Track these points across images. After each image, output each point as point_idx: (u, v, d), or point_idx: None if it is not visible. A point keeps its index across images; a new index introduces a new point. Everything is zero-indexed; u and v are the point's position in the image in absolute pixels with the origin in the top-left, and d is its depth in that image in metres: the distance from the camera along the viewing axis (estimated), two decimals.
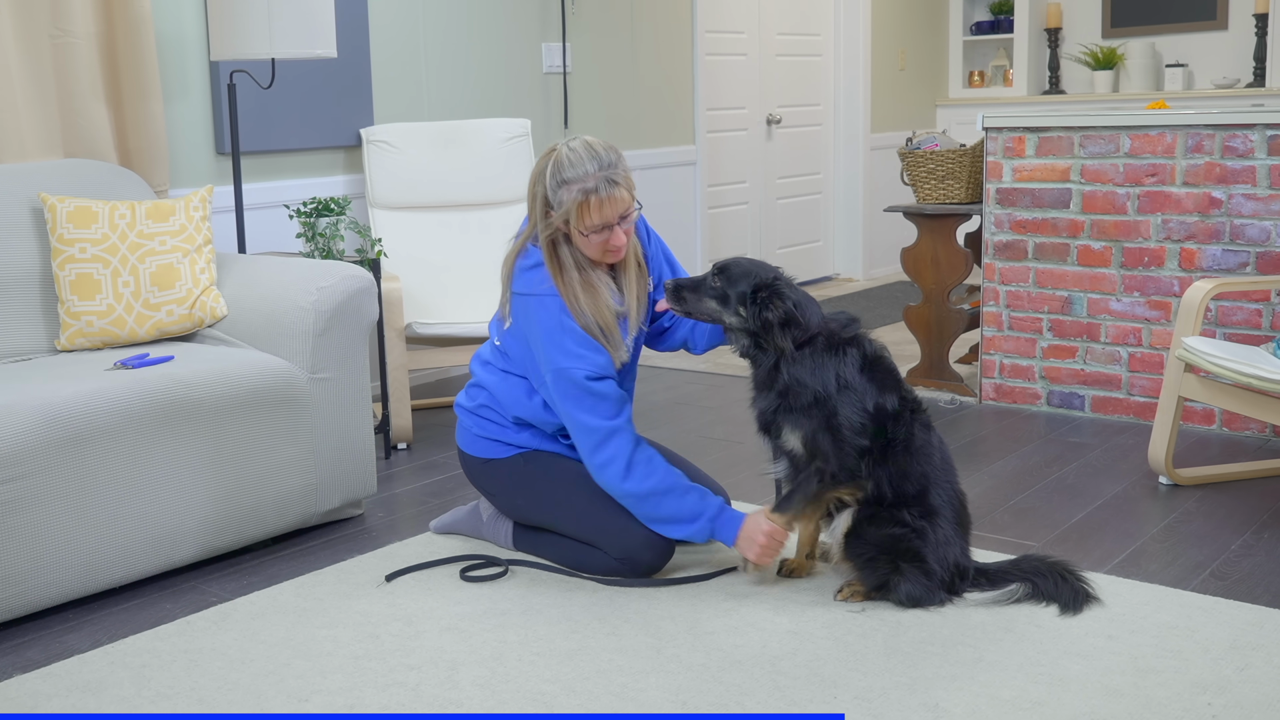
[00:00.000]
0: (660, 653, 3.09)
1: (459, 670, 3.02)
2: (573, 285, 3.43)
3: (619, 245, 3.43)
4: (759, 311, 3.31)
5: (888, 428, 3.31)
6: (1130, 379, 5.21)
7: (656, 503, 3.44)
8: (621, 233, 3.42)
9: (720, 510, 3.47)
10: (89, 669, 3.09)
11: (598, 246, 3.42)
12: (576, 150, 3.38)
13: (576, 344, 3.40)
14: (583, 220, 3.36)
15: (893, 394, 3.33)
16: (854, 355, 3.33)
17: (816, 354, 3.30)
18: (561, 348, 3.40)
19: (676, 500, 3.45)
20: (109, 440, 3.47)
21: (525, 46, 6.42)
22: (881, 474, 3.31)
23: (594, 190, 3.33)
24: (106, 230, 4.02)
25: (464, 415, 3.73)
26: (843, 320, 3.40)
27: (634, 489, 3.43)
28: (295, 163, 5.48)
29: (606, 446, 3.42)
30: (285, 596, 3.52)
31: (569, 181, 3.35)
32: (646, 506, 3.45)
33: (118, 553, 3.52)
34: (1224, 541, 3.84)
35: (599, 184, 3.34)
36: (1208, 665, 2.97)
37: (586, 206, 3.34)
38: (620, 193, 3.38)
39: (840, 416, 3.28)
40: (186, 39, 5.07)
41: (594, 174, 3.34)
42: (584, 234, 3.38)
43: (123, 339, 4.03)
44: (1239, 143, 4.86)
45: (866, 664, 3.00)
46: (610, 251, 3.45)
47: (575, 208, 3.34)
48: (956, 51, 9.94)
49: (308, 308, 3.95)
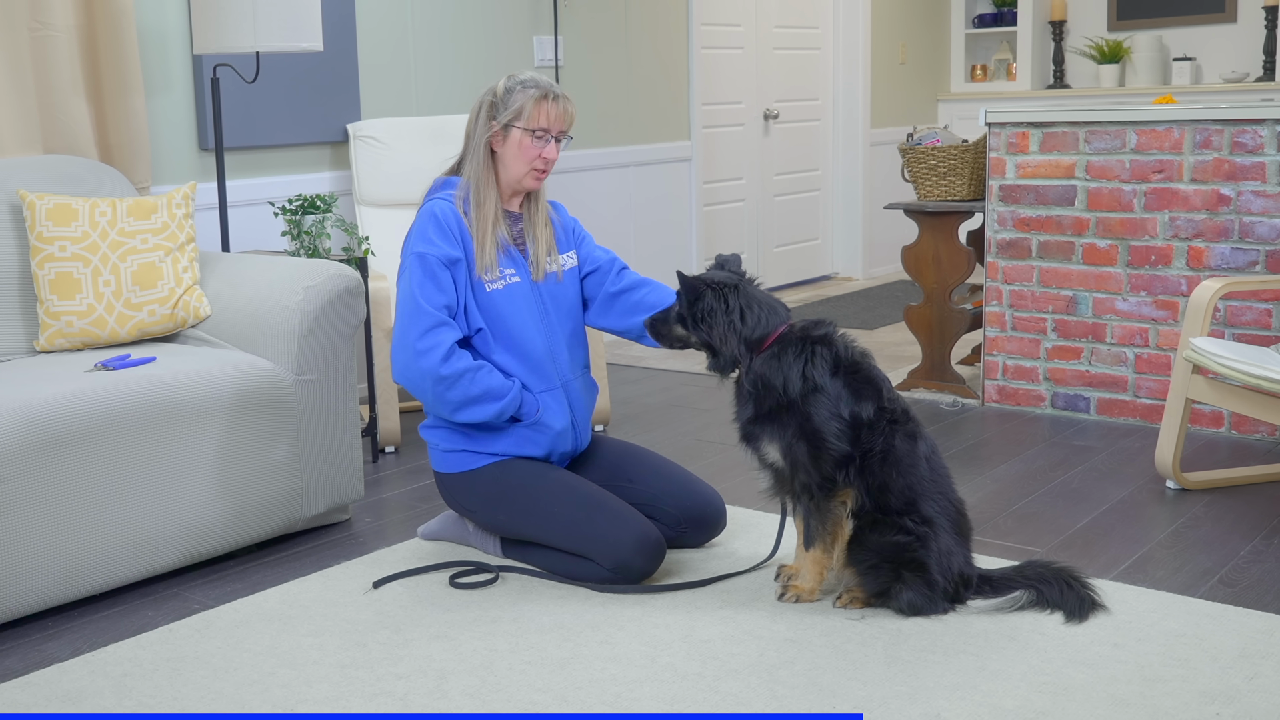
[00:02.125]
0: (655, 661, 3.09)
1: (448, 679, 3.02)
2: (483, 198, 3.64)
3: (550, 159, 3.67)
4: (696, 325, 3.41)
5: (861, 437, 3.31)
6: (1137, 381, 5.22)
7: (472, 379, 3.53)
8: (555, 148, 3.67)
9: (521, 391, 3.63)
10: (69, 678, 3.09)
11: (532, 154, 3.63)
12: (529, 73, 3.73)
13: (438, 233, 3.58)
14: (535, 119, 3.61)
15: (870, 402, 3.31)
16: (824, 355, 3.33)
17: (781, 353, 3.33)
18: (424, 236, 3.58)
19: (488, 376, 3.56)
20: (89, 443, 3.47)
21: (516, 39, 6.43)
22: (860, 484, 3.31)
23: (550, 93, 3.65)
24: (87, 228, 4.01)
25: (429, 434, 3.75)
26: (810, 321, 3.41)
27: (449, 371, 3.50)
28: (280, 159, 5.48)
29: (432, 334, 3.51)
30: (270, 604, 3.52)
31: (526, 85, 3.64)
32: (461, 385, 3.52)
33: (98, 559, 3.51)
34: (1233, 547, 3.84)
35: (554, 92, 3.66)
36: (1216, 674, 2.97)
37: (544, 102, 3.62)
38: (570, 107, 3.70)
39: (815, 421, 3.28)
40: (169, 32, 5.06)
41: (550, 86, 3.67)
42: (529, 133, 3.60)
43: (103, 339, 4.03)
44: (1248, 138, 4.87)
45: (866, 673, 3.01)
46: (537, 170, 3.65)
47: (531, 102, 3.61)
48: (958, 45, 9.96)
49: (293, 308, 3.95)
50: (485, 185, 3.64)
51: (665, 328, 3.55)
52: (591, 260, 3.85)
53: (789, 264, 9.00)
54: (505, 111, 3.61)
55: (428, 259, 3.54)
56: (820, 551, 3.39)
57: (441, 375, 3.50)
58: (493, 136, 3.63)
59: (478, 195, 3.63)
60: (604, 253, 3.89)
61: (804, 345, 3.33)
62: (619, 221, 7.06)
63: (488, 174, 3.65)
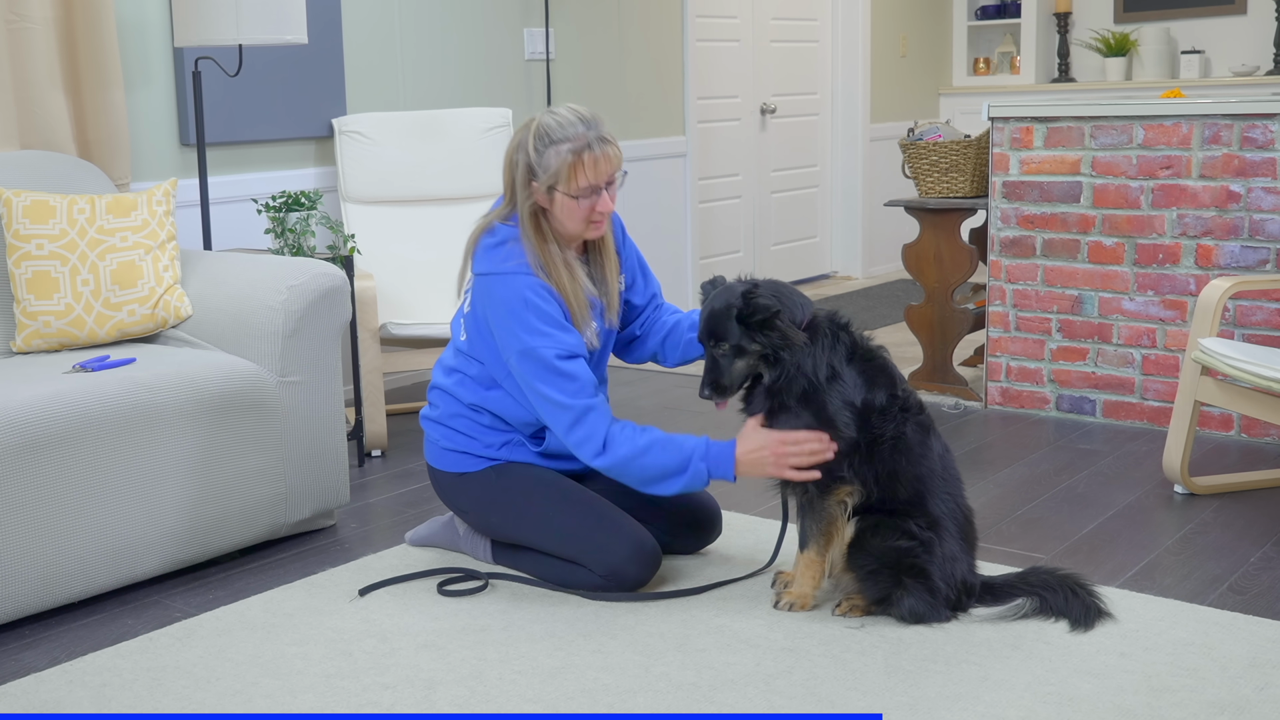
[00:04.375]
0: (649, 671, 3.09)
1: (436, 690, 3.02)
2: (554, 260, 3.45)
3: (606, 210, 3.47)
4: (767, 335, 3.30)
5: (873, 423, 3.32)
6: (1144, 382, 5.23)
7: (640, 464, 3.40)
8: (608, 198, 3.45)
9: (707, 447, 3.43)
10: (46, 688, 3.09)
11: (583, 213, 3.44)
12: (560, 114, 3.44)
13: (544, 322, 3.40)
14: (574, 180, 3.38)
15: (882, 390, 3.34)
16: (845, 343, 3.35)
17: (815, 341, 3.32)
18: (527, 326, 3.40)
19: (659, 454, 3.40)
20: (67, 447, 3.46)
21: (506, 32, 6.43)
22: (868, 473, 3.32)
23: (586, 147, 3.38)
24: (65, 226, 4.01)
25: (430, 427, 3.73)
26: (829, 310, 3.43)
27: (613, 460, 3.40)
28: (264, 154, 5.48)
29: (582, 424, 3.40)
30: (253, 612, 3.52)
31: (558, 142, 3.38)
32: (633, 471, 3.41)
33: (76, 566, 3.51)
34: (1243, 553, 3.85)
35: (591, 142, 3.39)
36: (1225, 684, 2.98)
37: (580, 164, 3.37)
38: (611, 150, 3.44)
39: (829, 409, 3.29)
40: (149, 24, 5.06)
41: (584, 134, 3.40)
42: (573, 197, 3.39)
43: (82, 340, 4.03)
44: (1259, 133, 4.88)
45: (866, 683, 3.01)
46: (594, 222, 3.47)
47: (567, 167, 3.37)
48: (961, 37, 9.97)
49: (277, 307, 3.95)
50: (545, 248, 3.45)
51: (725, 376, 3.38)
52: (635, 289, 3.77)
53: (787, 262, 9.00)
54: (543, 174, 3.39)
55: (546, 360, 3.37)
56: (814, 554, 3.39)
57: (607, 466, 3.42)
58: (537, 199, 3.44)
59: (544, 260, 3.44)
60: (645, 281, 3.79)
61: (834, 331, 3.35)
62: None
63: (544, 237, 3.46)
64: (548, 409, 3.43)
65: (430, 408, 3.74)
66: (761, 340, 3.30)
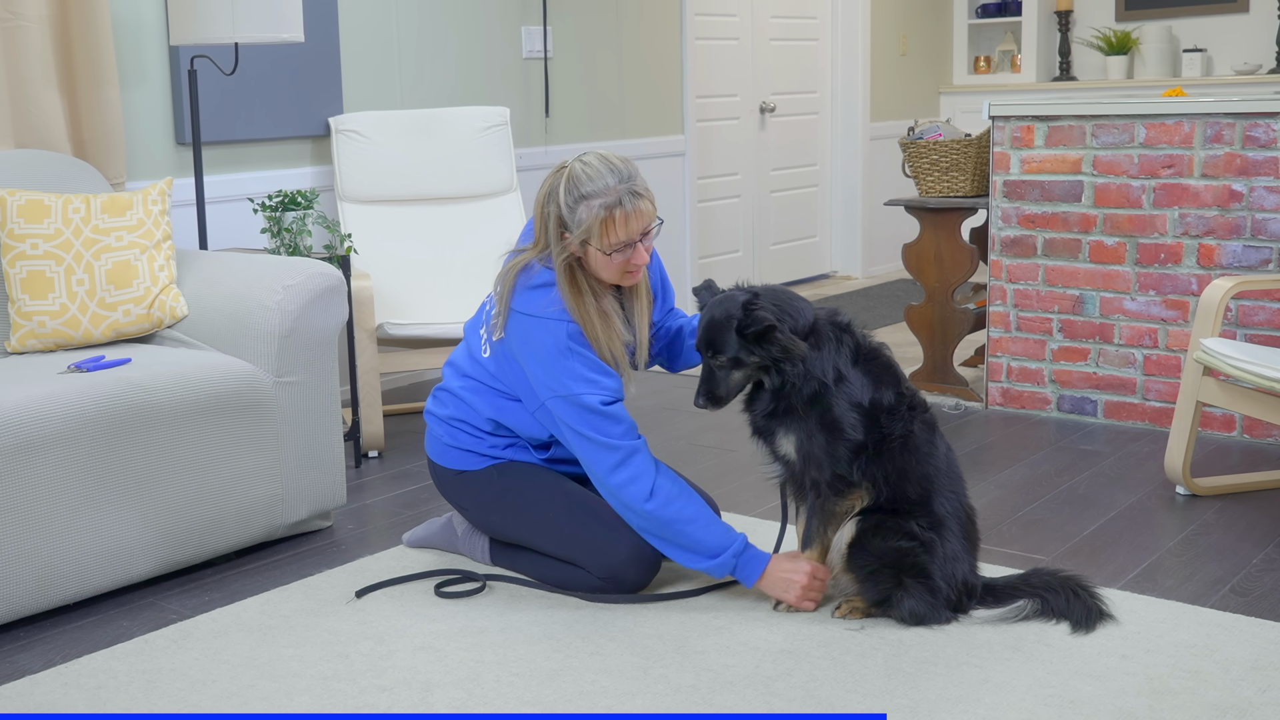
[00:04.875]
0: (647, 673, 3.10)
1: (433, 692, 3.02)
2: (589, 313, 3.41)
3: (640, 264, 3.41)
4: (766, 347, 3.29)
5: (882, 422, 3.32)
6: (1145, 383, 5.23)
7: (680, 530, 3.38)
8: (643, 250, 3.39)
9: (745, 548, 3.42)
10: (41, 690, 3.09)
11: (618, 267, 3.39)
12: (592, 164, 3.36)
13: (589, 369, 3.38)
14: (606, 238, 3.32)
15: (889, 389, 3.34)
16: (849, 344, 3.35)
17: (819, 345, 3.32)
18: (572, 373, 3.37)
19: (702, 530, 3.39)
20: (62, 448, 3.46)
21: (504, 30, 6.43)
22: (878, 472, 3.33)
23: (618, 204, 3.31)
24: (60, 225, 4.01)
25: (435, 423, 3.73)
26: (829, 310, 3.43)
27: (659, 512, 3.37)
28: (260, 153, 5.48)
29: (627, 466, 3.38)
30: (249, 614, 3.52)
31: (588, 196, 3.31)
32: (669, 532, 3.39)
33: (72, 567, 3.51)
34: (1245, 555, 3.85)
35: (622, 197, 3.32)
36: (1228, 686, 2.98)
37: (611, 222, 3.31)
38: (644, 205, 3.36)
39: (835, 411, 3.29)
40: (145, 22, 5.06)
41: (615, 187, 3.32)
42: (605, 253, 3.35)
43: (77, 340, 4.03)
44: (1261, 132, 4.88)
45: (866, 685, 3.01)
46: (630, 272, 3.43)
47: (598, 224, 3.30)
48: (961, 36, 9.97)
49: (273, 307, 3.95)
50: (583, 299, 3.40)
51: (721, 389, 3.40)
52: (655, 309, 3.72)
53: (786, 262, 9.01)
54: (576, 229, 3.33)
55: (591, 407, 3.36)
56: (815, 554, 3.41)
57: (647, 513, 3.38)
58: (571, 251, 3.38)
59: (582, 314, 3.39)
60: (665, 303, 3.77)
61: (837, 334, 3.35)
62: None
63: (579, 289, 3.41)
64: (590, 449, 3.39)
65: (438, 405, 3.72)
66: (760, 353, 3.30)
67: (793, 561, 3.42)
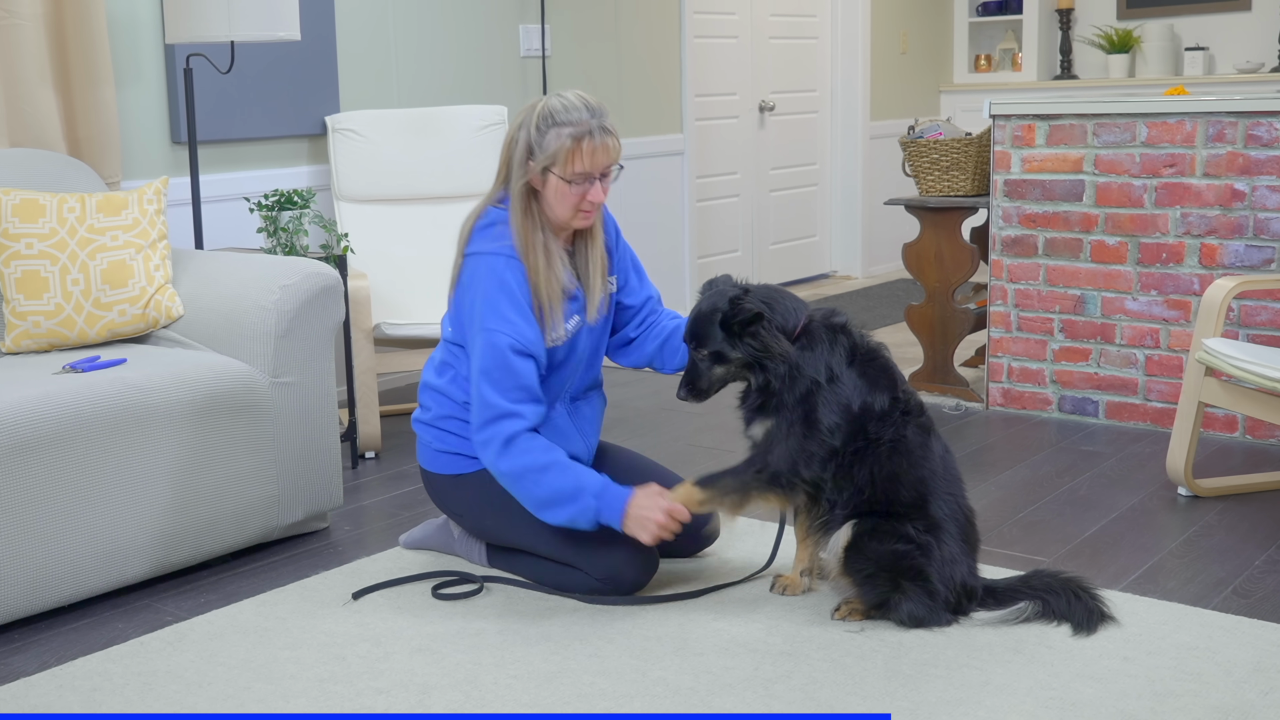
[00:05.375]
0: (646, 675, 3.10)
1: (431, 694, 3.02)
2: (535, 244, 3.49)
3: (596, 201, 3.50)
4: (748, 342, 3.34)
5: (869, 428, 3.32)
6: (1147, 383, 5.23)
7: (536, 480, 3.39)
8: (600, 189, 3.49)
9: (604, 487, 3.43)
10: (36, 693, 3.09)
11: (574, 200, 3.47)
12: (567, 98, 3.48)
13: (512, 308, 3.44)
14: (571, 165, 3.42)
15: (884, 393, 3.34)
16: (844, 344, 3.36)
17: (811, 345, 3.33)
18: (496, 309, 3.44)
19: (557, 476, 3.40)
20: (57, 448, 3.46)
21: (501, 28, 6.43)
22: (864, 476, 3.33)
23: (587, 134, 3.43)
24: (55, 225, 4.01)
25: (423, 430, 3.74)
26: (826, 310, 3.44)
27: (508, 467, 3.41)
28: (256, 152, 5.48)
29: (494, 425, 3.42)
30: (245, 616, 3.52)
31: (560, 124, 3.43)
32: (527, 485, 3.41)
33: (66, 569, 3.51)
34: (1247, 556, 3.85)
35: (593, 129, 3.44)
36: (1230, 689, 2.98)
37: (578, 151, 3.42)
38: (611, 142, 3.49)
39: (819, 412, 3.30)
40: (140, 21, 5.06)
41: (587, 120, 3.44)
42: (566, 181, 3.43)
43: (72, 340, 4.03)
44: (1264, 131, 4.88)
45: (865, 688, 3.01)
46: (584, 211, 3.51)
47: (565, 151, 3.41)
48: (962, 34, 9.97)
49: (269, 307, 3.95)
50: (532, 232, 3.49)
51: (701, 379, 3.45)
52: (628, 290, 3.79)
53: (785, 262, 9.01)
54: (541, 155, 3.43)
55: (500, 347, 3.41)
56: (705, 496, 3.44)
57: (501, 472, 3.43)
58: (531, 179, 3.48)
59: (529, 243, 3.48)
60: (639, 282, 3.82)
61: (831, 334, 3.36)
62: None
63: (532, 220, 3.50)
64: (476, 400, 3.45)
65: (422, 410, 3.74)
66: (743, 348, 3.34)
67: (651, 499, 3.41)
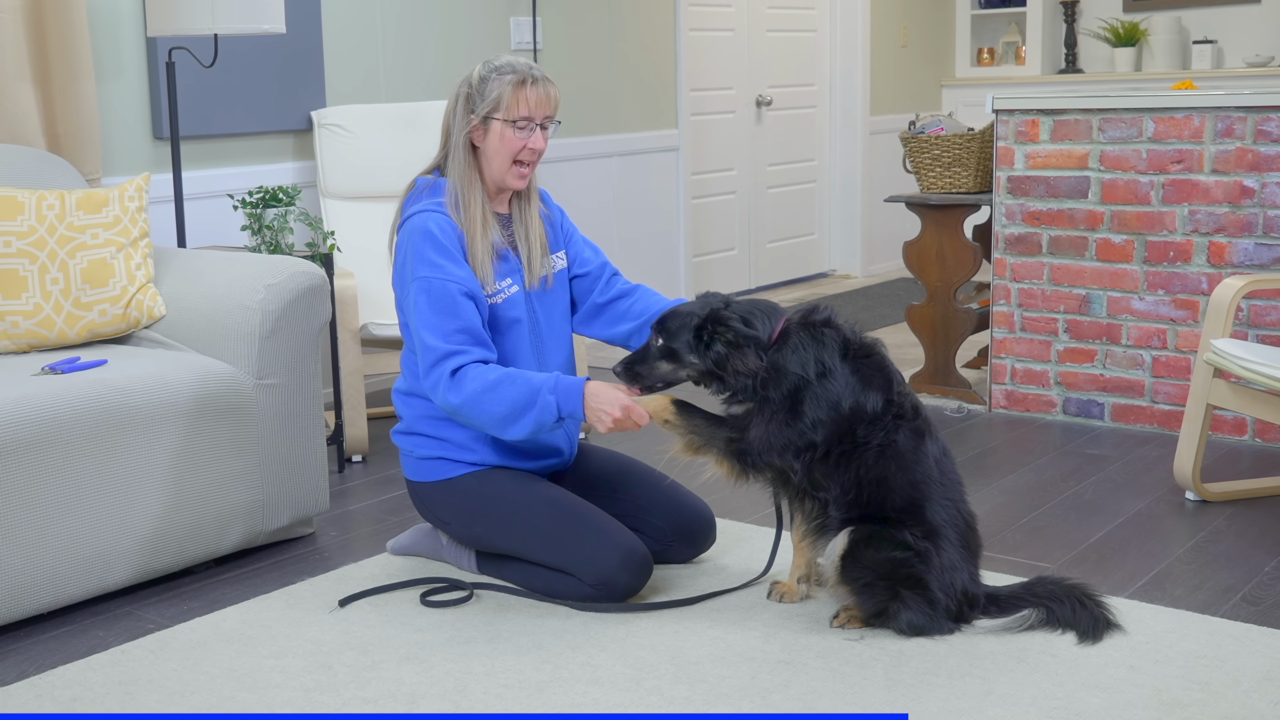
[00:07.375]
0: (640, 685, 3.10)
1: (419, 704, 3.02)
2: (471, 196, 3.58)
3: (537, 149, 3.60)
4: (707, 349, 3.37)
5: (857, 431, 3.32)
6: (1154, 385, 5.24)
7: (492, 399, 3.40)
8: (541, 137, 3.59)
9: (557, 379, 3.43)
10: (14, 702, 3.09)
11: (515, 146, 3.56)
12: (506, 57, 3.65)
13: (439, 254, 3.50)
14: (515, 107, 3.54)
15: (877, 394, 3.33)
16: (833, 338, 3.35)
17: (792, 342, 3.34)
18: (423, 258, 3.50)
19: (509, 388, 3.40)
20: (35, 452, 3.46)
21: (491, 20, 6.43)
22: (850, 479, 3.33)
23: (530, 77, 3.57)
24: (33, 222, 4.01)
25: (402, 441, 3.75)
26: (806, 307, 3.45)
27: (460, 398, 3.41)
28: (240, 148, 5.48)
29: (440, 365, 3.44)
30: (229, 623, 3.52)
31: (503, 72, 3.57)
32: (485, 408, 3.41)
33: (45, 575, 3.51)
34: (1257, 563, 3.86)
35: (536, 76, 3.58)
36: (1239, 698, 2.98)
37: (521, 91, 3.54)
38: (553, 90, 3.62)
39: (805, 405, 3.30)
40: (121, 13, 5.06)
41: (527, 69, 3.59)
42: (509, 123, 3.53)
43: (51, 341, 4.02)
44: (1273, 126, 4.89)
45: (865, 697, 3.01)
46: (522, 164, 3.59)
47: (509, 93, 3.54)
48: (964, 27, 9.98)
49: (254, 307, 3.95)
50: (470, 186, 3.58)
51: (645, 366, 3.48)
52: (580, 262, 3.83)
53: (783, 261, 9.02)
54: (483, 103, 3.54)
55: (432, 285, 3.46)
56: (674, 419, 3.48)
57: (455, 406, 3.44)
58: (472, 131, 3.57)
59: (464, 197, 3.57)
60: (593, 253, 3.88)
61: (813, 331, 3.35)
62: (601, 216, 7.06)
63: (471, 174, 3.59)
64: (420, 348, 3.48)
65: (400, 422, 3.76)
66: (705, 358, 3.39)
67: (610, 390, 3.42)
